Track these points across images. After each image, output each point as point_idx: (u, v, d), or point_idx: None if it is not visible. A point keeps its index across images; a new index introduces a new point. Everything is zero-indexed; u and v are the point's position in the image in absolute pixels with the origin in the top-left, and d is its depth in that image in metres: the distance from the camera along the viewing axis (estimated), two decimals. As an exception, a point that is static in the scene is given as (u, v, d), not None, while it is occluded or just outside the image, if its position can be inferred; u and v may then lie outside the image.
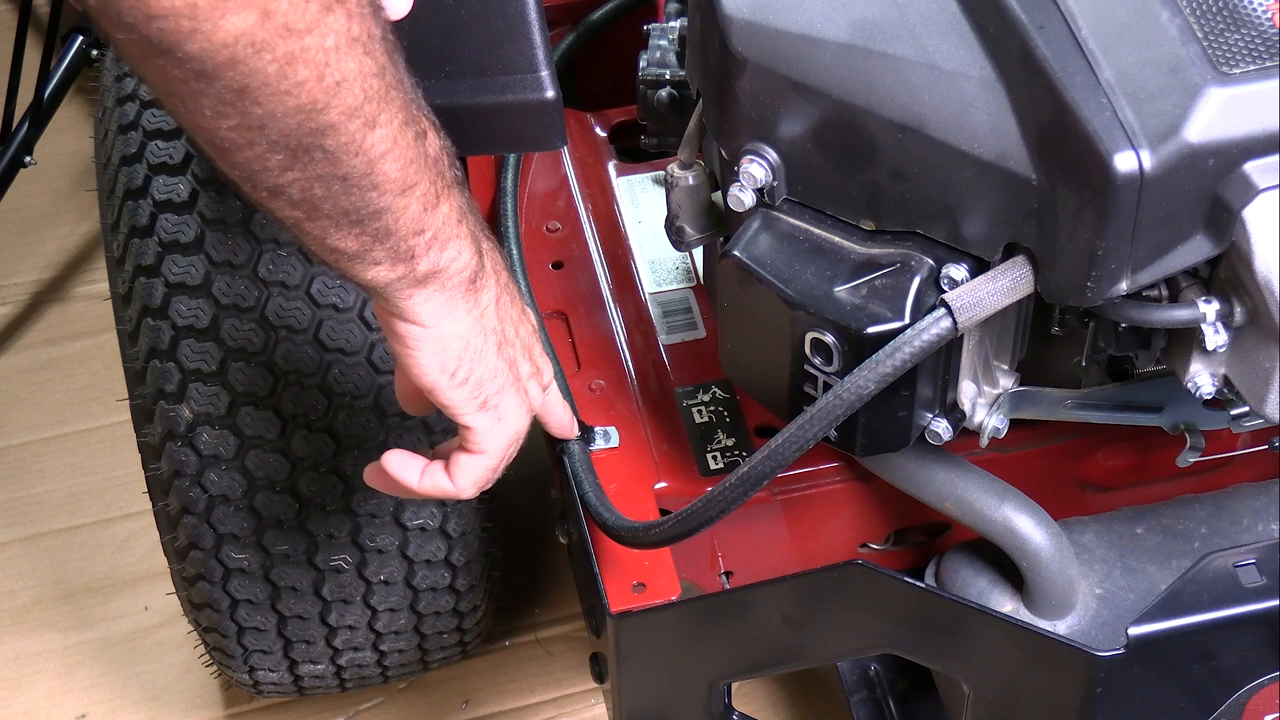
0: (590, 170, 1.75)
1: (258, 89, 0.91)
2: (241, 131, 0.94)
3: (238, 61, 0.89)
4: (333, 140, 0.96)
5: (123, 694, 1.91)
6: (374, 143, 0.98)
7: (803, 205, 1.23)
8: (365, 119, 0.96)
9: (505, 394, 1.17)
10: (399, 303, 1.08)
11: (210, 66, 0.89)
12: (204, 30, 0.87)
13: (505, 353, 1.16)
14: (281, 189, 0.98)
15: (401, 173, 1.01)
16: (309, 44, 0.91)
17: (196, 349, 1.41)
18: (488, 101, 1.26)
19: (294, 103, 0.92)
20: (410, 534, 1.50)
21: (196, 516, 1.45)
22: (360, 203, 1.00)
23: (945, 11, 1.15)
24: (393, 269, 1.05)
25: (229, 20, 0.87)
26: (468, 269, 1.09)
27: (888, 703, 1.61)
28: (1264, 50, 1.09)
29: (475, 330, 1.12)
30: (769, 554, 1.56)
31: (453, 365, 1.13)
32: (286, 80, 0.91)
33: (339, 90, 0.94)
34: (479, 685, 1.91)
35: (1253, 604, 1.24)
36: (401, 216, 1.02)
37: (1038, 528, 1.35)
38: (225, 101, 0.91)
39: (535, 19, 1.25)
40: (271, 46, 0.89)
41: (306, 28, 0.90)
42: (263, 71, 0.90)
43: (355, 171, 0.98)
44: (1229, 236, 1.10)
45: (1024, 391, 1.29)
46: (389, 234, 1.03)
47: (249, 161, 0.96)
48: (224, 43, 0.88)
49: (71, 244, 2.38)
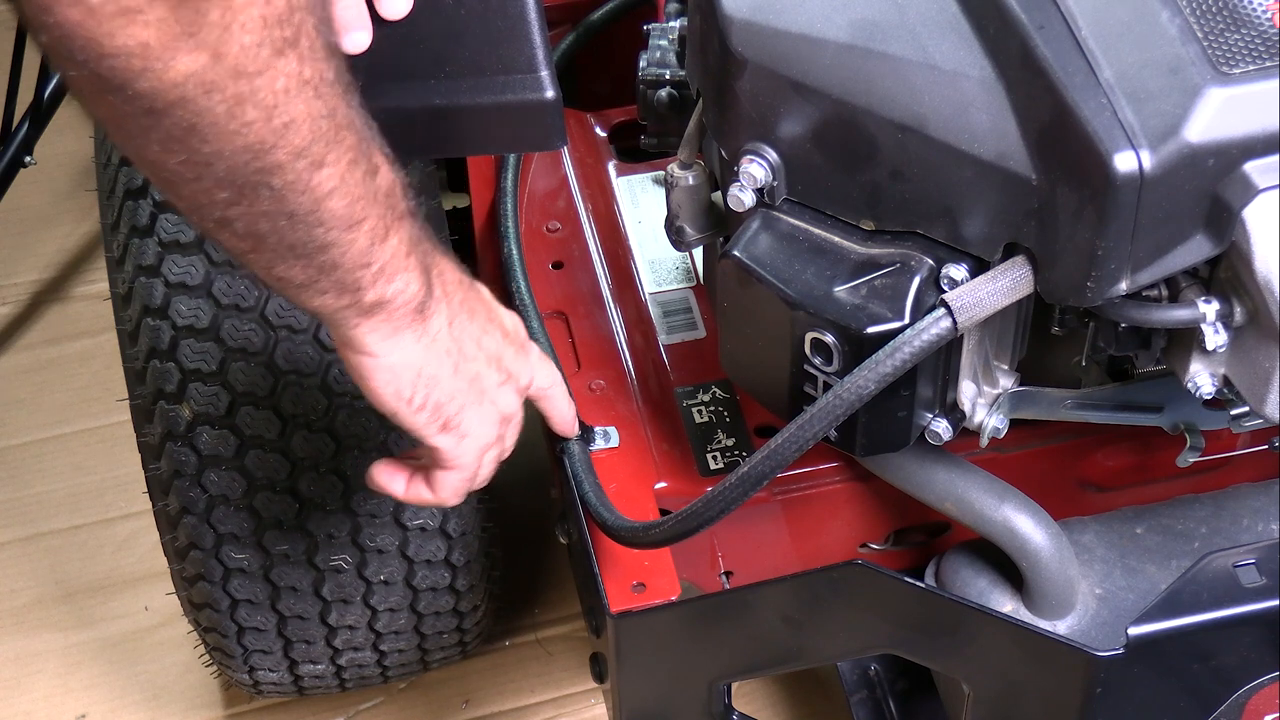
0: (590, 170, 1.75)
1: (206, 128, 0.92)
2: (189, 167, 0.94)
3: (187, 101, 0.90)
4: (279, 179, 0.97)
5: (123, 694, 1.91)
6: (321, 181, 0.99)
7: (803, 205, 1.23)
8: (312, 159, 0.97)
9: (467, 412, 1.18)
10: (347, 332, 1.10)
11: (160, 104, 0.90)
12: (155, 70, 0.88)
13: (465, 370, 1.17)
14: (228, 221, 0.99)
15: (348, 209, 1.01)
16: (259, 86, 0.92)
17: (196, 349, 1.41)
18: (488, 101, 1.26)
19: (242, 142, 0.93)
20: (410, 534, 1.50)
21: (196, 516, 1.45)
22: (307, 238, 1.01)
23: (945, 11, 1.15)
24: (339, 299, 1.06)
25: (180, 61, 0.88)
26: (415, 299, 1.10)
27: (888, 703, 1.61)
28: (1264, 50, 1.09)
29: (427, 356, 1.14)
30: (769, 554, 1.56)
31: (408, 393, 1.14)
32: (235, 120, 0.92)
33: (287, 131, 0.95)
34: (479, 685, 1.91)
35: (1253, 604, 1.24)
36: (348, 250, 1.03)
37: (1038, 528, 1.35)
38: (173, 138, 0.92)
39: (535, 19, 1.25)
40: (221, 88, 0.90)
41: (257, 70, 0.91)
42: (212, 111, 0.91)
43: (302, 209, 0.99)
44: (1229, 236, 1.10)
45: (1024, 391, 1.29)
46: (335, 266, 1.04)
47: (195, 195, 0.97)
48: (174, 82, 0.89)
49: (71, 244, 2.38)
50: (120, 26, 0.86)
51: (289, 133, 0.95)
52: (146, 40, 0.87)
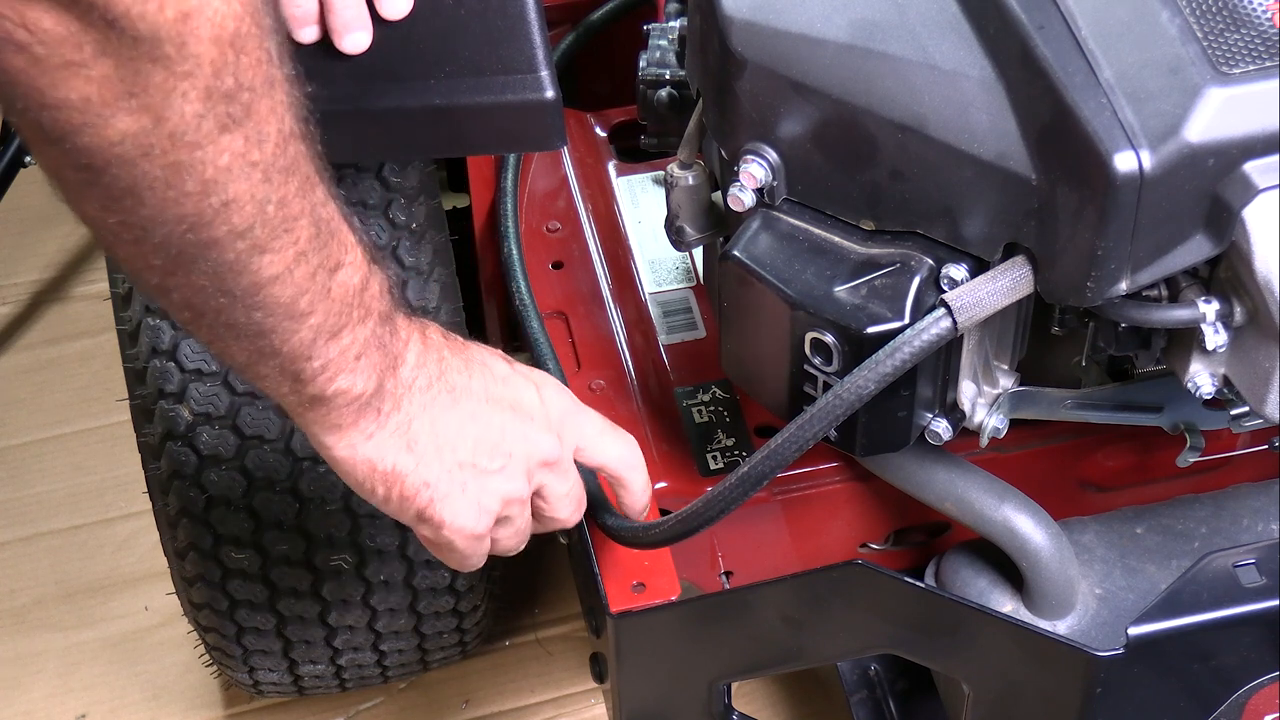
0: (590, 170, 1.75)
1: (143, 191, 0.91)
2: (126, 229, 0.93)
3: (125, 161, 0.89)
4: (217, 255, 0.95)
5: (123, 694, 1.91)
6: (262, 266, 0.97)
7: (803, 205, 1.23)
8: (253, 242, 0.95)
9: (446, 503, 1.14)
10: (294, 419, 1.08)
11: (98, 162, 0.89)
12: (94, 125, 0.87)
13: (440, 462, 1.13)
14: (166, 290, 0.98)
15: (292, 300, 0.99)
16: (199, 158, 0.91)
17: (196, 349, 1.41)
18: (488, 101, 1.26)
19: (178, 211, 0.92)
20: (410, 534, 1.50)
21: (196, 516, 1.45)
22: (245, 319, 0.99)
23: (945, 11, 1.15)
24: (279, 385, 1.04)
25: (120, 119, 0.88)
26: (359, 399, 1.07)
27: (888, 703, 1.61)
28: (1264, 50, 1.09)
29: (382, 453, 1.10)
30: (769, 554, 1.56)
31: (367, 485, 1.12)
32: (172, 189, 0.91)
33: (226, 209, 0.93)
34: (479, 685, 1.91)
35: (1253, 604, 1.24)
36: (289, 340, 1.01)
37: (1038, 528, 1.35)
38: (111, 197, 0.91)
39: (535, 19, 1.25)
40: (160, 152, 0.89)
41: (196, 142, 0.90)
42: (149, 175, 0.90)
43: (240, 289, 0.97)
44: (1229, 236, 1.10)
45: (1024, 391, 1.29)
46: (275, 353, 1.02)
47: (133, 258, 0.96)
48: (112, 140, 0.88)
49: (71, 244, 2.38)
50: (63, 79, 0.86)
51: (229, 211, 0.93)
52: (88, 95, 0.86)
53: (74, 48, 0.85)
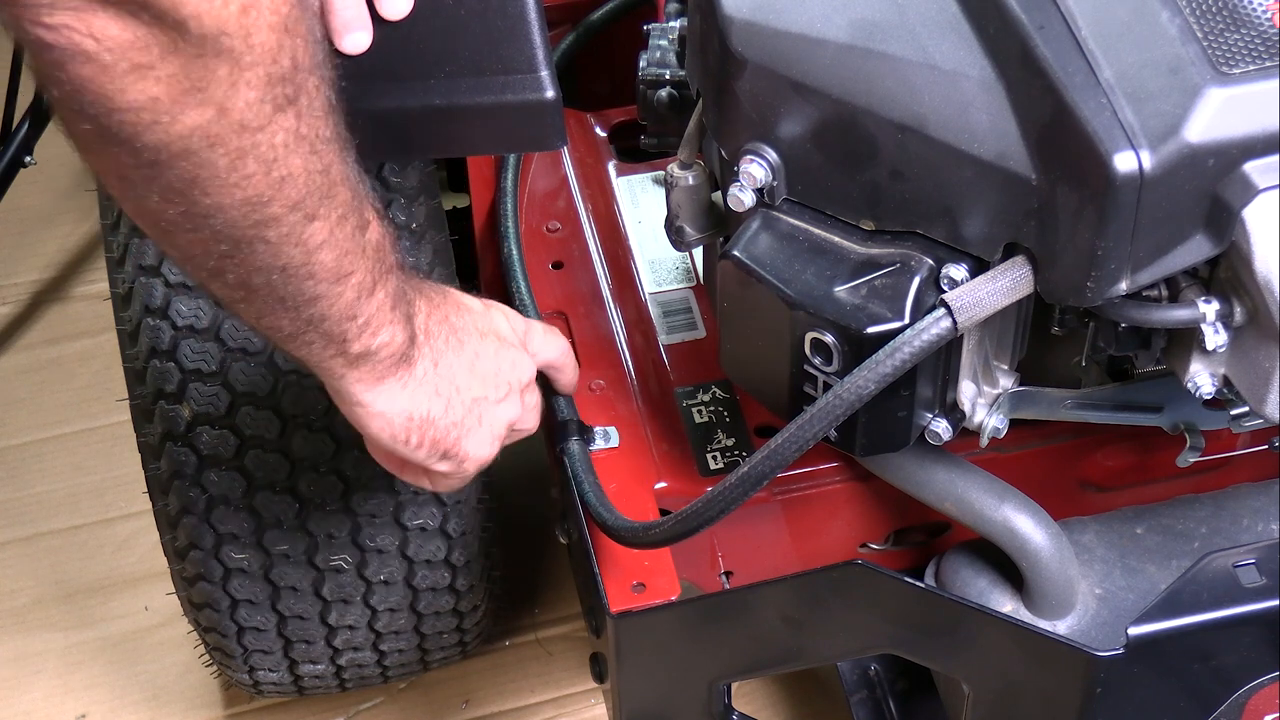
0: (590, 170, 1.75)
1: (207, 180, 0.94)
2: (187, 218, 0.97)
3: (191, 154, 0.92)
4: (274, 231, 0.99)
5: (123, 694, 1.91)
6: (312, 234, 1.01)
7: (803, 205, 1.23)
8: (306, 212, 1.00)
9: (467, 439, 1.22)
10: (335, 383, 1.14)
11: (165, 157, 0.92)
12: (163, 123, 0.90)
13: (459, 402, 1.20)
14: (221, 272, 1.02)
15: (337, 263, 1.04)
16: (259, 140, 0.94)
17: (196, 349, 1.41)
18: (488, 101, 1.26)
19: (241, 195, 0.96)
20: (410, 534, 1.50)
21: (196, 516, 1.45)
22: (296, 290, 1.04)
23: (945, 11, 1.15)
24: (325, 350, 1.10)
25: (187, 115, 0.91)
26: (399, 350, 1.13)
27: (888, 703, 1.61)
28: (1264, 50, 1.09)
29: (416, 400, 1.17)
30: (769, 554, 1.56)
31: (402, 435, 1.18)
32: (236, 173, 0.95)
33: (283, 184, 0.97)
34: (479, 685, 1.91)
35: (1253, 604, 1.24)
36: (335, 303, 1.06)
37: (1038, 528, 1.35)
38: (175, 190, 0.95)
39: (535, 19, 1.25)
40: (225, 141, 0.93)
41: (259, 125, 0.94)
42: (214, 164, 0.93)
43: (293, 262, 1.02)
44: (1229, 236, 1.10)
45: (1024, 391, 1.29)
46: (323, 319, 1.07)
47: (191, 245, 1.00)
48: (180, 135, 0.91)
49: (71, 244, 2.38)
50: (131, 82, 0.89)
51: (285, 186, 0.98)
52: (157, 95, 0.90)
53: (141, 51, 0.88)
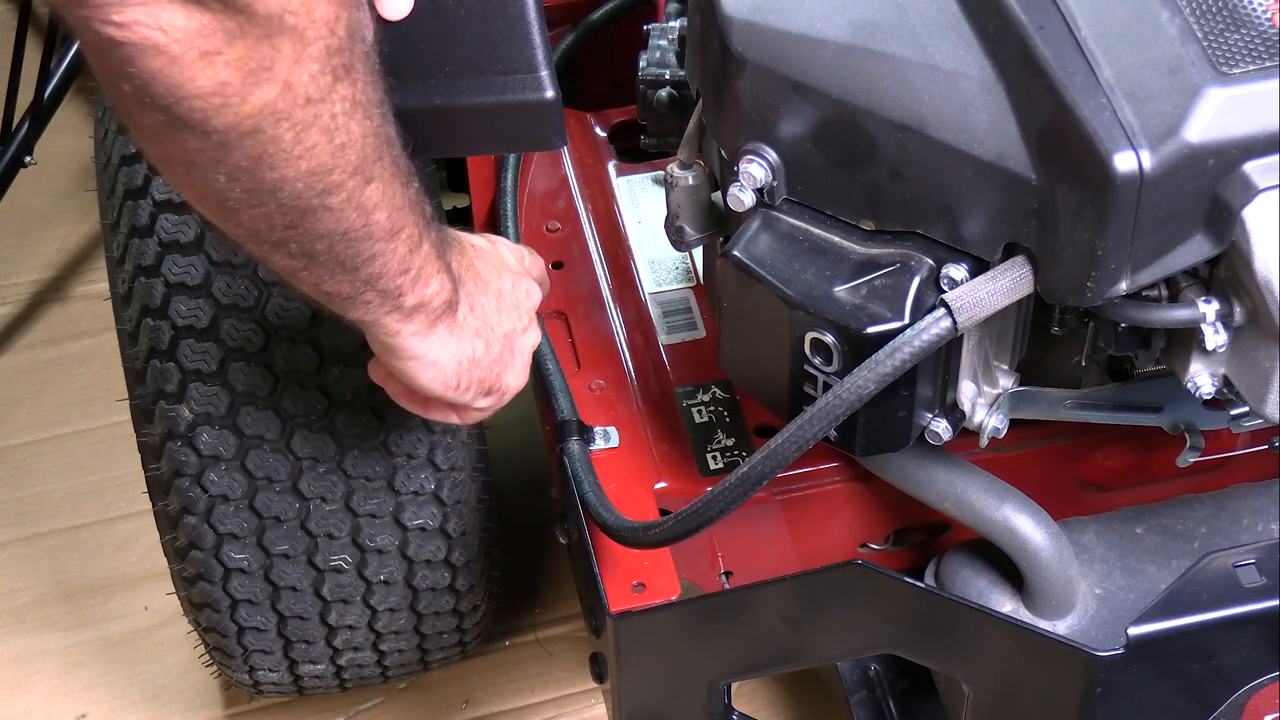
0: (590, 170, 1.75)
1: (274, 155, 0.97)
2: (253, 194, 1.00)
3: (259, 131, 0.95)
4: (336, 198, 1.02)
5: (123, 694, 1.91)
6: (369, 195, 1.04)
7: (803, 205, 1.23)
8: (365, 175, 1.03)
9: (505, 373, 1.28)
10: (389, 340, 1.17)
11: (233, 137, 0.95)
12: (233, 105, 0.93)
13: (495, 338, 1.25)
14: (284, 243, 1.05)
15: (390, 220, 1.08)
16: (321, 111, 0.97)
17: (196, 349, 1.41)
18: (488, 101, 1.26)
19: (306, 166, 0.99)
20: (410, 534, 1.50)
21: (196, 516, 1.45)
22: (354, 252, 1.07)
23: (945, 11, 1.15)
24: (381, 307, 1.13)
25: (256, 94, 0.93)
26: (447, 297, 1.17)
27: (888, 703, 1.61)
28: (1264, 50, 1.09)
29: (463, 344, 1.21)
30: (769, 554, 1.56)
31: (454, 381, 1.22)
32: (300, 145, 0.97)
33: (343, 151, 1.00)
34: (479, 685, 1.91)
35: (1253, 604, 1.24)
36: (390, 260, 1.10)
37: (1038, 528, 1.35)
38: (241, 169, 0.97)
39: (535, 19, 1.25)
40: (291, 115, 0.96)
41: (321, 96, 0.97)
42: (280, 139, 0.96)
43: (354, 225, 1.05)
44: (1229, 236, 1.10)
45: (1024, 391, 1.29)
46: (380, 276, 1.10)
47: (255, 220, 1.03)
48: (249, 114, 0.94)
49: (71, 244, 2.38)
50: (201, 69, 0.91)
51: (346, 152, 1.01)
52: (226, 79, 0.92)
53: (209, 38, 0.89)
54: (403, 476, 1.46)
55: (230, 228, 1.05)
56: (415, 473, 1.47)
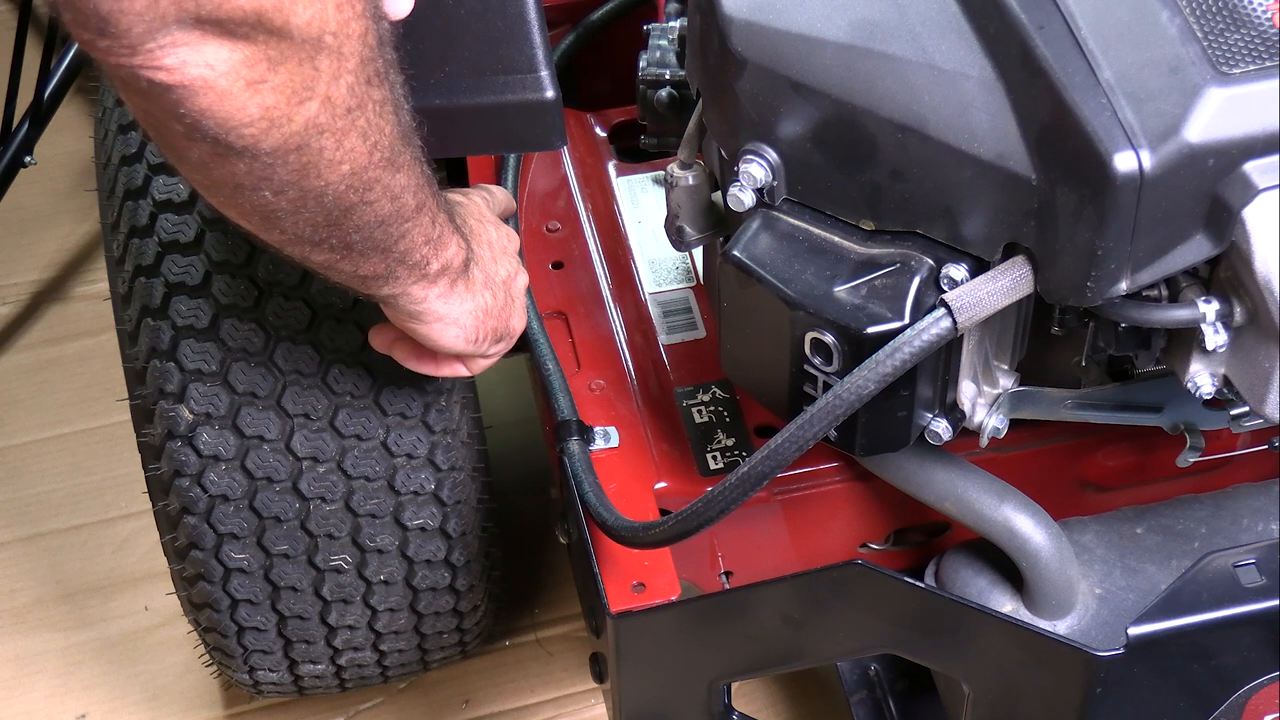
0: (590, 170, 1.75)
1: (317, 164, 1.00)
2: (295, 202, 1.03)
3: (304, 147, 0.98)
4: (373, 193, 1.06)
5: (123, 694, 1.91)
6: (399, 181, 1.08)
7: (803, 205, 1.23)
8: (395, 166, 1.07)
9: (513, 317, 1.32)
10: (414, 306, 1.21)
11: (280, 156, 0.98)
12: (280, 126, 0.96)
13: (498, 286, 1.29)
14: (323, 241, 1.09)
15: (416, 198, 1.12)
16: (358, 118, 1.01)
17: (196, 349, 1.41)
18: (488, 101, 1.26)
19: (347, 169, 1.02)
20: (410, 534, 1.50)
21: (196, 516, 1.45)
22: (387, 234, 1.11)
23: (945, 11, 1.15)
24: (408, 278, 1.17)
25: (300, 113, 0.96)
26: (464, 257, 1.22)
27: (888, 703, 1.61)
28: (1264, 50, 1.09)
29: (479, 298, 1.26)
30: (769, 554, 1.56)
31: (474, 334, 1.27)
32: (341, 151, 1.01)
33: (377, 149, 1.04)
34: (479, 685, 1.91)
35: (1253, 604, 1.24)
36: (418, 234, 1.14)
37: (1038, 528, 1.35)
38: (287, 182, 1.00)
39: (535, 19, 1.25)
40: (332, 127, 0.99)
41: (358, 104, 1.00)
42: (324, 149, 1.00)
43: (388, 213, 1.09)
44: (1229, 236, 1.10)
45: (1024, 391, 1.29)
46: (409, 251, 1.15)
47: (298, 225, 1.06)
48: (295, 133, 0.97)
49: (71, 244, 2.38)
50: (249, 98, 0.93)
51: (379, 150, 1.04)
52: (273, 104, 0.95)
53: (253, 67, 0.92)
54: (403, 476, 1.46)
55: (274, 236, 1.08)
56: (415, 473, 1.47)
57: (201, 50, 0.90)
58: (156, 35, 0.89)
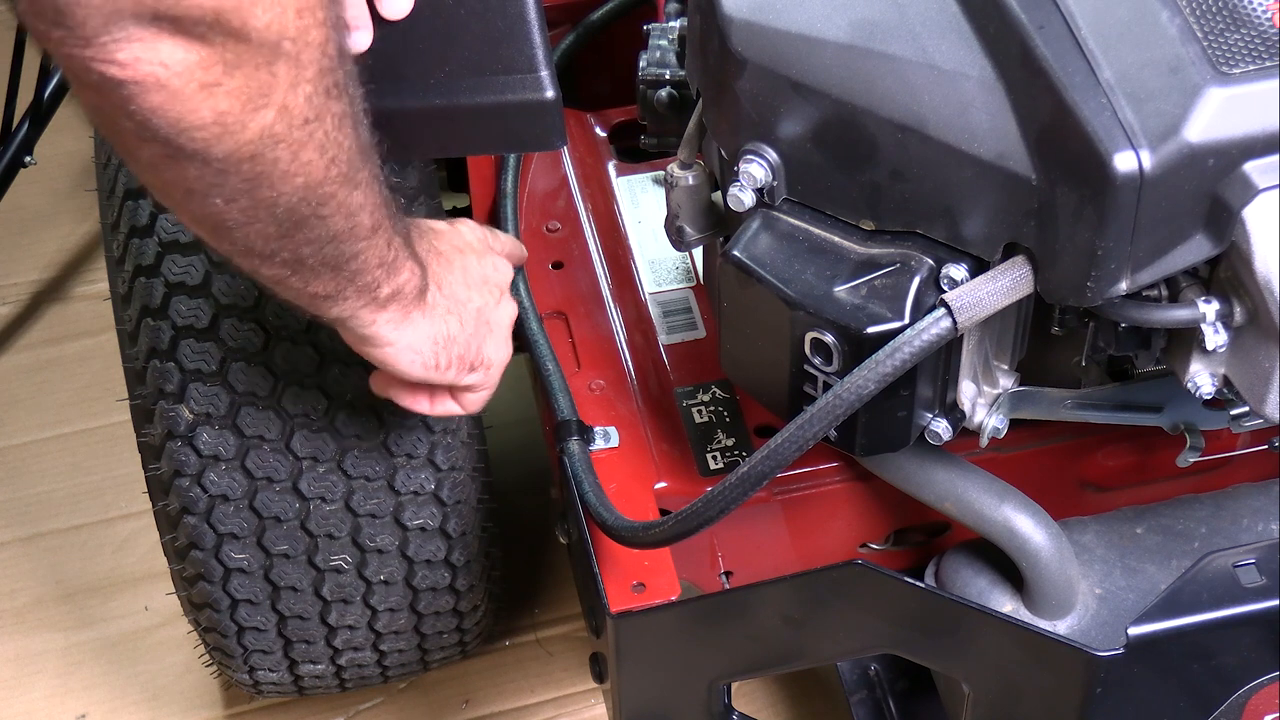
0: (590, 170, 1.75)
1: (271, 175, 0.99)
2: (247, 212, 1.01)
3: (258, 155, 0.97)
4: (327, 208, 1.04)
5: (123, 694, 1.91)
6: (354, 200, 1.07)
7: (803, 205, 1.23)
8: (352, 183, 1.05)
9: (484, 347, 1.30)
10: (365, 331, 1.19)
11: (233, 163, 0.96)
12: (233, 133, 0.94)
13: (468, 315, 1.27)
14: (274, 254, 1.07)
15: (372, 218, 1.10)
16: (316, 130, 0.99)
17: (196, 349, 1.41)
18: (488, 101, 1.26)
19: (301, 182, 1.01)
20: (410, 534, 1.50)
21: (196, 516, 1.45)
22: (339, 252, 1.09)
23: (945, 11, 1.15)
24: (359, 300, 1.15)
25: (255, 120, 0.95)
26: (418, 283, 1.20)
27: (888, 703, 1.61)
28: (1264, 50, 1.09)
29: (437, 324, 1.24)
30: (769, 554, 1.56)
31: (432, 360, 1.24)
32: (296, 163, 0.99)
33: (334, 163, 1.02)
34: (479, 685, 1.91)
35: (1253, 604, 1.24)
36: (371, 255, 1.12)
37: (1038, 528, 1.35)
38: (240, 190, 0.99)
39: (535, 19, 1.25)
40: (288, 137, 0.97)
41: (316, 116, 0.98)
42: (278, 160, 0.98)
43: (341, 229, 1.07)
44: (1229, 236, 1.10)
45: (1024, 391, 1.29)
46: (360, 272, 1.13)
47: (250, 236, 1.04)
48: (249, 140, 0.95)
49: (71, 244, 2.38)
50: (202, 101, 0.92)
51: (336, 165, 1.03)
52: (226, 108, 0.93)
53: (208, 70, 0.91)
54: (403, 476, 1.46)
55: (224, 246, 1.06)
56: (415, 473, 1.47)
57: (156, 47, 0.89)
58: (112, 29, 0.87)
